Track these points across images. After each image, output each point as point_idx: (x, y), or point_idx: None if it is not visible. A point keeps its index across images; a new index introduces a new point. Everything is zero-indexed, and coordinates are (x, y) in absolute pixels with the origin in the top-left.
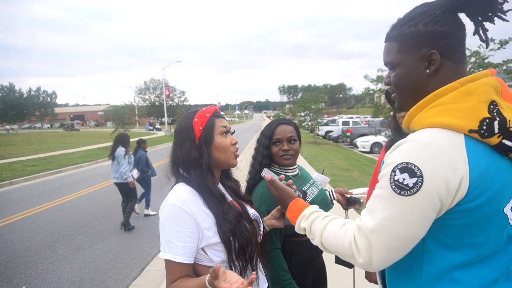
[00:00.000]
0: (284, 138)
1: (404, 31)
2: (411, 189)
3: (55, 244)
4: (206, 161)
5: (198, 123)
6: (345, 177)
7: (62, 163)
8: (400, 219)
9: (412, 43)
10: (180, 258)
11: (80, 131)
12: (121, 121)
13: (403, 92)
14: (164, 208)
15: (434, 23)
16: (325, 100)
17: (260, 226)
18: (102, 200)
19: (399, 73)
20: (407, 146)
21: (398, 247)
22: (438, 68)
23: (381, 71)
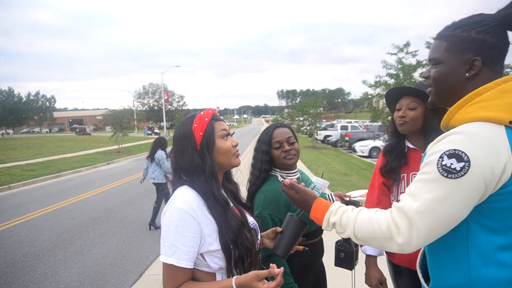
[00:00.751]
0: (284, 140)
1: (457, 34)
2: (459, 172)
3: (53, 249)
4: (210, 167)
5: (198, 129)
6: (344, 181)
7: (61, 167)
8: (445, 200)
9: (460, 46)
10: (183, 263)
11: (79, 136)
12: (120, 125)
13: (440, 88)
14: (169, 211)
15: (486, 34)
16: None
17: (258, 235)
18: (100, 204)
19: (440, 70)
20: (454, 136)
21: (439, 227)
22: (477, 74)
23: (379, 77)
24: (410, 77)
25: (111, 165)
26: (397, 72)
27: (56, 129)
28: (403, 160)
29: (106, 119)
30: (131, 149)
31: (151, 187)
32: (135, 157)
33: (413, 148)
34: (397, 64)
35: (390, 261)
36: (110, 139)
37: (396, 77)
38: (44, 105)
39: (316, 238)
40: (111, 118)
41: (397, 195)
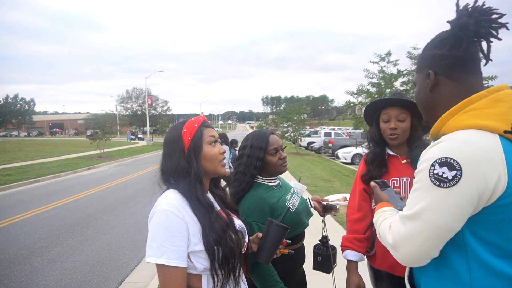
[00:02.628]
0: (279, 146)
1: (419, 56)
2: (450, 181)
3: (30, 256)
4: (195, 171)
5: (187, 133)
6: (327, 187)
7: (39, 172)
8: (437, 209)
9: (420, 65)
10: (174, 262)
11: (59, 140)
12: (102, 130)
13: (419, 105)
14: (156, 213)
15: (434, 48)
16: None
17: (245, 237)
18: (80, 210)
19: (416, 90)
20: (446, 143)
21: (432, 237)
22: (437, 85)
23: (361, 86)
24: (391, 85)
25: (92, 170)
26: (378, 81)
27: (35, 133)
28: (384, 169)
29: (87, 123)
30: (113, 154)
31: (133, 193)
32: (117, 162)
33: (393, 155)
34: (379, 73)
35: (371, 266)
36: (91, 144)
37: (377, 85)
38: (23, 108)
39: (298, 244)
40: (93, 123)
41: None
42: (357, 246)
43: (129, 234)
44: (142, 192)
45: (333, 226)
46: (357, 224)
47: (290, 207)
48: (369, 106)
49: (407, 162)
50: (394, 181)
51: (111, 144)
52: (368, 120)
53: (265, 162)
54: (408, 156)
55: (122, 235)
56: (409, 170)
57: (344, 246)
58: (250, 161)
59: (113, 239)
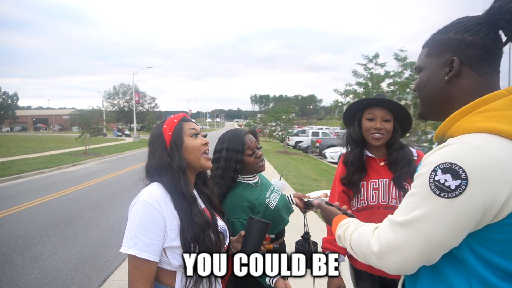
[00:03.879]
0: (254, 146)
1: (436, 38)
2: (453, 191)
3: (10, 254)
4: (177, 163)
5: (167, 129)
6: (314, 186)
7: (22, 168)
8: (433, 221)
9: (438, 48)
10: (144, 255)
11: (43, 135)
12: (88, 126)
13: (422, 95)
14: (136, 204)
15: (464, 32)
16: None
17: (226, 239)
18: (64, 207)
19: (421, 77)
20: (453, 147)
21: (422, 249)
22: (458, 76)
23: (349, 85)
24: (378, 87)
25: (77, 166)
26: (366, 81)
27: (18, 128)
28: (364, 173)
29: (73, 119)
30: (99, 151)
31: (119, 190)
32: (103, 159)
33: (371, 157)
34: (367, 74)
35: (352, 266)
36: (76, 140)
37: (365, 86)
38: (5, 103)
39: (279, 240)
40: (79, 118)
41: (357, 203)
42: (337, 247)
43: (113, 231)
44: (127, 189)
45: (315, 223)
46: None
47: (270, 204)
48: (353, 104)
49: (385, 164)
50: (373, 182)
51: (97, 141)
52: (349, 118)
53: (243, 163)
54: (386, 158)
55: (107, 232)
56: (387, 172)
57: (325, 248)
58: (228, 165)
59: (97, 236)
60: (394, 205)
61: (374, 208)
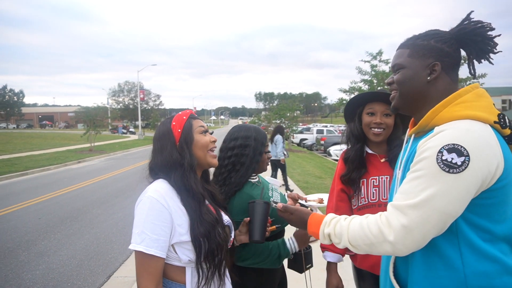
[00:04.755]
0: (268, 145)
1: (417, 42)
2: (460, 167)
3: (16, 250)
4: (188, 161)
5: (177, 126)
6: (318, 184)
7: (28, 165)
8: (446, 195)
9: (422, 52)
10: (152, 251)
11: (48, 132)
12: (93, 123)
13: (404, 90)
14: (142, 200)
15: (443, 43)
16: (300, 108)
17: (231, 232)
18: (69, 204)
19: (404, 73)
20: (449, 132)
21: (438, 224)
22: (437, 78)
23: (354, 83)
24: (383, 83)
25: (82, 163)
26: (370, 78)
27: (24, 125)
28: (363, 170)
29: (78, 116)
30: (104, 148)
31: (123, 187)
32: (107, 156)
33: (371, 153)
34: (371, 71)
35: (353, 265)
36: (81, 137)
37: (369, 83)
38: (11, 100)
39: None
40: (84, 116)
41: (358, 201)
42: (335, 247)
43: (118, 228)
44: (132, 186)
45: None
46: None
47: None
48: (354, 98)
49: (385, 161)
50: (373, 180)
51: (101, 138)
52: (350, 113)
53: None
54: (387, 154)
55: (111, 229)
56: (388, 169)
57: (323, 247)
58: (254, 156)
59: (102, 233)
60: None
61: (375, 206)
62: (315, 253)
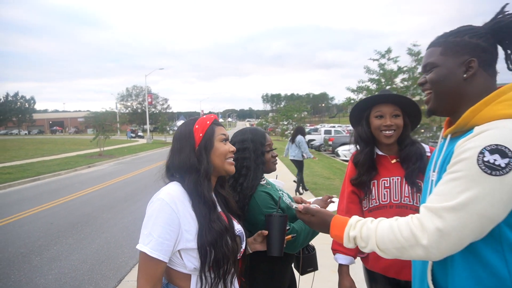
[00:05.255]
0: (271, 144)
1: (450, 40)
2: (503, 169)
3: (29, 255)
4: (205, 167)
5: (199, 130)
6: (327, 185)
7: (39, 170)
8: (487, 199)
9: (455, 49)
10: (155, 254)
11: (59, 138)
12: (102, 128)
13: (439, 90)
14: (153, 202)
15: (478, 38)
16: (308, 109)
17: (242, 243)
18: (80, 209)
19: (438, 72)
20: (492, 132)
21: (476, 228)
22: (474, 75)
23: (362, 82)
24: (391, 82)
25: (92, 168)
26: (379, 77)
27: (35, 131)
28: (374, 172)
29: (87, 121)
30: (113, 152)
31: (133, 191)
32: (117, 160)
33: (381, 155)
34: (379, 70)
35: (365, 267)
36: (91, 142)
37: (377, 82)
38: (23, 106)
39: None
40: (93, 121)
41: (369, 203)
42: (346, 249)
43: (128, 232)
44: (141, 190)
45: None
46: None
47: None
48: (359, 103)
49: (397, 162)
50: (384, 181)
51: (111, 142)
52: (356, 118)
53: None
54: (398, 155)
55: (122, 233)
56: (399, 170)
57: (334, 249)
58: (257, 157)
59: (112, 237)
60: (406, 203)
61: (386, 207)
62: (326, 255)
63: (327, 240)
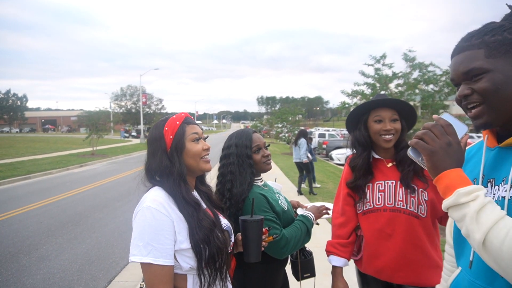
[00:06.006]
0: (262, 144)
1: (489, 39)
2: None
3: (17, 254)
4: (178, 170)
5: (169, 132)
6: (320, 189)
7: (30, 169)
8: None
9: (504, 48)
10: (161, 261)
11: (51, 136)
12: (95, 127)
13: (498, 99)
14: (141, 211)
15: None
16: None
17: (231, 236)
18: (71, 208)
19: (492, 79)
20: None
21: None
22: None
23: (357, 85)
24: (386, 87)
25: (84, 167)
26: (374, 82)
27: (27, 129)
28: (370, 176)
29: (80, 120)
30: (106, 152)
31: (125, 191)
32: (110, 160)
33: (377, 158)
34: (374, 74)
35: (358, 270)
36: (84, 141)
37: (372, 87)
38: (15, 104)
39: None
40: (86, 120)
41: (363, 205)
42: (340, 251)
43: (119, 232)
44: (134, 190)
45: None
46: (341, 229)
47: (283, 206)
48: (357, 107)
49: (393, 165)
50: (379, 184)
51: (104, 142)
52: (353, 122)
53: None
54: (394, 158)
55: (113, 233)
56: (394, 173)
57: (328, 251)
58: (242, 161)
59: (103, 237)
60: (400, 207)
61: (380, 210)
62: (317, 258)
63: (318, 244)
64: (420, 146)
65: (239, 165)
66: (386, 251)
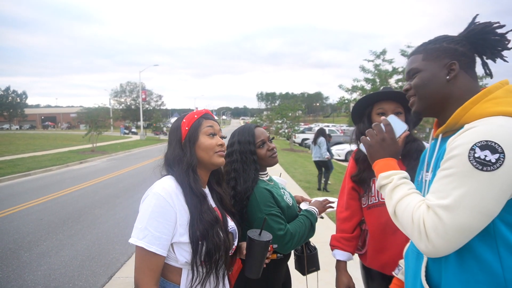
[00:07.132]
0: (266, 138)
1: (429, 46)
2: (494, 164)
3: (18, 251)
4: (188, 159)
5: (185, 124)
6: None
7: (30, 166)
8: (479, 195)
9: (436, 54)
10: (153, 248)
11: (51, 133)
12: (95, 123)
13: (424, 93)
14: (149, 196)
15: (456, 43)
16: (302, 108)
17: (235, 240)
18: (71, 204)
19: (422, 76)
20: (481, 128)
21: (473, 225)
22: (456, 77)
23: (357, 81)
24: (386, 83)
25: (84, 164)
26: (373, 77)
27: (27, 126)
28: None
29: (80, 117)
30: (106, 148)
31: (125, 188)
32: (109, 156)
33: None
34: (374, 70)
35: (362, 264)
36: (83, 138)
37: (372, 82)
38: (14, 101)
39: None
40: (86, 116)
41: (368, 200)
42: (345, 245)
43: (120, 228)
44: (133, 187)
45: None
46: (345, 223)
47: (288, 201)
48: (362, 99)
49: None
50: None
51: (104, 138)
52: (357, 114)
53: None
54: None
55: (113, 229)
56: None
57: (333, 245)
58: (245, 157)
59: (103, 233)
60: None
61: (385, 205)
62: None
63: (320, 239)
64: (362, 141)
65: (242, 162)
66: (391, 245)
